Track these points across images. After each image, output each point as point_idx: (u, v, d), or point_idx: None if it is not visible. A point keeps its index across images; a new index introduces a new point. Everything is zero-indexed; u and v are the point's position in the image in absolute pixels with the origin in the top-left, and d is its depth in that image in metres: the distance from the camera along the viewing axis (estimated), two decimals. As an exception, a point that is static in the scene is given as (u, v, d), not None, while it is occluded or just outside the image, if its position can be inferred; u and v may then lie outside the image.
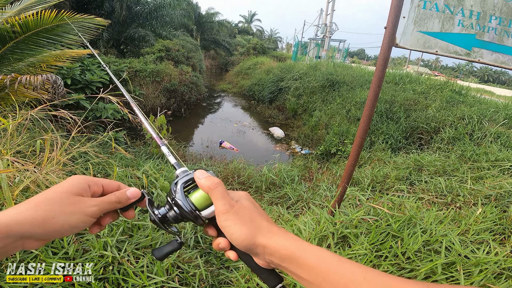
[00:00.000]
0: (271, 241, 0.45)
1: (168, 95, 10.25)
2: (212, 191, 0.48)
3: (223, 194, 0.47)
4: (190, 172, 0.53)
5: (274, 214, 2.98)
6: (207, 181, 0.48)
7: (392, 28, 1.42)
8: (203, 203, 0.49)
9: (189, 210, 0.48)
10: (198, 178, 0.49)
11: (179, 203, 0.49)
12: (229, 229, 0.46)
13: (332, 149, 6.55)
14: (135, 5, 11.44)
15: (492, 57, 1.40)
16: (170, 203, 0.50)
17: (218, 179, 0.49)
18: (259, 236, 0.45)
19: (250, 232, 0.45)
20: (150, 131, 0.65)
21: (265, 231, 0.46)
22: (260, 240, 0.45)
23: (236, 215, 0.46)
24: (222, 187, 0.48)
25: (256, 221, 0.47)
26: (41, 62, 3.53)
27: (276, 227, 0.47)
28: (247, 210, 0.48)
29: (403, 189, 3.27)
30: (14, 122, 2.18)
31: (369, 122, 1.67)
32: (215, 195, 0.47)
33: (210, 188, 0.48)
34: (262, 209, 0.51)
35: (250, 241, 0.45)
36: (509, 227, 2.01)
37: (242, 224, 0.46)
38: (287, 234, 0.46)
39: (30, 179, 1.63)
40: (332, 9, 17.88)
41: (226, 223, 0.46)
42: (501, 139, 4.49)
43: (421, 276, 1.39)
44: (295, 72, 12.31)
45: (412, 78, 8.95)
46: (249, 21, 47.91)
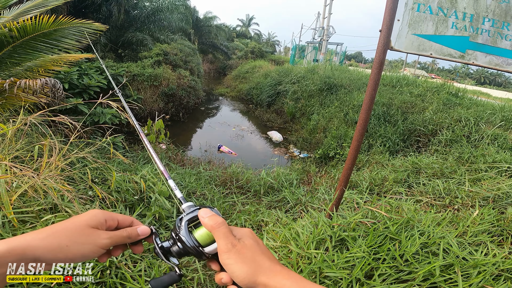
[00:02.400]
0: (272, 281, 0.45)
1: (166, 99, 10.25)
2: (215, 231, 0.49)
3: (225, 234, 0.49)
4: (195, 209, 0.55)
5: (273, 217, 2.98)
6: (211, 220, 0.50)
7: (387, 31, 1.43)
8: (207, 240, 0.51)
9: (192, 246, 0.50)
10: (202, 217, 0.51)
11: (183, 239, 0.51)
12: (231, 267, 0.47)
13: (330, 152, 6.56)
14: (133, 9, 11.46)
15: (486, 59, 1.41)
16: (174, 238, 0.52)
17: (221, 219, 0.51)
18: (261, 275, 0.46)
19: (251, 271, 0.46)
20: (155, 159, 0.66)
21: (267, 270, 0.47)
22: (261, 279, 0.46)
23: (238, 254, 0.47)
24: (225, 227, 0.49)
25: (258, 260, 0.48)
26: (39, 66, 3.53)
27: (279, 266, 0.48)
28: (249, 249, 0.48)
29: (401, 192, 3.28)
30: (13, 127, 2.17)
31: (366, 125, 1.68)
32: (218, 234, 0.49)
33: (213, 227, 0.49)
34: (265, 247, 0.52)
35: (251, 280, 0.46)
36: (507, 228, 2.01)
37: (243, 263, 0.47)
38: (290, 273, 0.47)
39: (28, 184, 1.62)
40: (329, 12, 18.00)
41: (228, 261, 0.47)
42: (498, 141, 4.50)
43: (419, 278, 1.39)
44: (293, 75, 12.35)
45: (409, 81, 9.00)
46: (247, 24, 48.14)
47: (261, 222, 2.98)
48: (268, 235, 1.89)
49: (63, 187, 1.75)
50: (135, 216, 2.13)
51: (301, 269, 1.46)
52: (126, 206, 2.57)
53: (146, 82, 9.58)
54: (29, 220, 1.57)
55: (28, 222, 1.57)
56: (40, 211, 1.71)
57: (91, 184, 2.21)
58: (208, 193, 3.62)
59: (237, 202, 3.64)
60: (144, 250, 1.71)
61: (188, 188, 3.60)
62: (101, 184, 2.77)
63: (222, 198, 3.67)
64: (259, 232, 2.82)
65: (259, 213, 3.26)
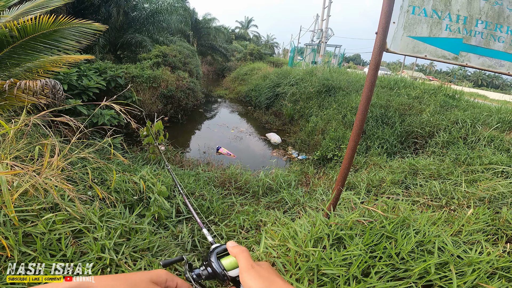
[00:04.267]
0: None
1: (165, 101, 10.26)
2: (239, 255, 0.62)
3: (247, 258, 0.61)
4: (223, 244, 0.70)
5: (271, 217, 3.00)
6: (236, 248, 0.64)
7: (383, 33, 1.46)
8: (230, 266, 0.64)
9: (219, 271, 0.63)
10: (229, 246, 0.65)
11: (212, 265, 0.64)
12: (249, 283, 0.56)
13: (328, 154, 6.59)
14: (132, 10, 11.49)
15: (479, 60, 1.44)
16: (205, 265, 0.66)
17: (244, 247, 0.64)
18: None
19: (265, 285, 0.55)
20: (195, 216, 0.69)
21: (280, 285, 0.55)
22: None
23: (256, 272, 0.57)
24: (247, 253, 0.62)
25: (272, 279, 0.57)
26: (38, 67, 3.54)
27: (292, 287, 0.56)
28: (265, 270, 0.59)
29: (398, 193, 3.31)
30: (15, 127, 2.19)
31: (362, 125, 1.71)
32: (241, 258, 0.61)
33: (238, 253, 0.62)
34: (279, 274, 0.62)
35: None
36: (502, 227, 2.04)
37: (260, 278, 0.56)
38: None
39: (30, 183, 1.64)
40: (328, 14, 18.10)
41: (247, 278, 0.57)
42: (495, 142, 4.55)
43: (415, 276, 1.41)
44: (292, 77, 12.39)
45: (406, 83, 9.06)
46: (245, 26, 48.22)
47: (260, 222, 3.00)
48: (267, 234, 1.91)
49: (64, 186, 1.77)
50: (134, 216, 2.15)
51: (299, 267, 1.48)
52: (125, 206, 2.58)
53: (145, 84, 9.59)
54: (30, 219, 1.59)
55: (29, 220, 1.58)
56: (41, 210, 1.73)
57: (91, 184, 2.22)
58: (207, 194, 3.63)
59: (235, 202, 3.66)
60: (144, 249, 1.73)
61: (187, 188, 3.62)
62: (100, 185, 2.79)
63: (221, 199, 3.69)
64: (257, 232, 2.84)
65: (258, 213, 3.28)
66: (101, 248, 1.52)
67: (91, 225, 1.76)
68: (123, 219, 2.05)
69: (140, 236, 1.85)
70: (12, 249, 1.30)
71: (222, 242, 1.38)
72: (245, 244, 2.55)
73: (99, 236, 1.62)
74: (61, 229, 1.58)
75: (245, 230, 2.91)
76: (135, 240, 1.76)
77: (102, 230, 1.69)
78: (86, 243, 1.55)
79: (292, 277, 1.44)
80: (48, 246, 1.44)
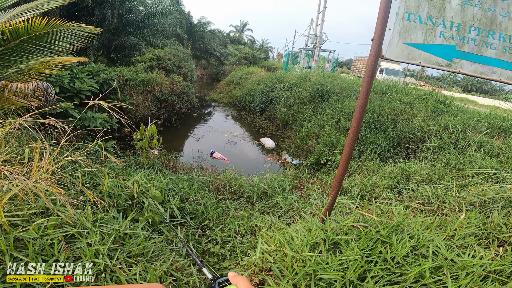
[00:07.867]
0: None
1: (159, 104, 10.19)
2: (239, 283, 0.70)
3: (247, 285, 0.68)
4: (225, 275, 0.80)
5: (266, 222, 2.99)
6: (236, 277, 0.72)
7: (379, 40, 1.48)
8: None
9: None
10: (231, 276, 0.73)
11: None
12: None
13: (322, 159, 6.62)
14: (127, 13, 11.43)
15: (472, 67, 1.48)
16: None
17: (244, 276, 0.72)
18: None
19: None
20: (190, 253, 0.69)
21: None
22: None
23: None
24: (247, 281, 0.70)
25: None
26: (30, 69, 3.49)
27: None
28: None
29: (391, 197, 3.33)
30: (2, 130, 2.14)
31: (358, 132, 1.72)
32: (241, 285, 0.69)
33: (239, 281, 0.70)
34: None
35: None
36: (493, 231, 2.07)
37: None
38: None
39: (19, 187, 1.60)
40: (322, 19, 18.31)
41: None
42: (485, 147, 4.63)
43: (410, 280, 1.42)
44: (286, 82, 12.46)
45: (398, 88, 9.19)
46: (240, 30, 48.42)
47: (255, 227, 2.98)
48: (263, 239, 1.91)
49: (55, 190, 1.73)
50: (127, 222, 2.11)
51: (296, 272, 1.47)
52: (118, 211, 2.54)
53: (139, 87, 9.52)
54: (21, 224, 1.55)
55: (20, 225, 1.54)
56: (32, 215, 1.69)
57: (82, 188, 2.18)
58: (201, 199, 3.61)
59: (230, 207, 3.64)
60: (138, 254, 1.70)
61: (181, 193, 3.58)
62: (92, 189, 2.74)
63: (215, 204, 3.66)
64: (253, 236, 2.82)
65: (253, 218, 3.26)
66: (95, 254, 1.49)
67: (84, 230, 1.73)
68: (116, 224, 2.01)
69: (134, 242, 1.83)
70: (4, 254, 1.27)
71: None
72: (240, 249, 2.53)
73: (92, 241, 1.59)
74: (53, 234, 1.54)
75: (240, 235, 2.90)
76: (129, 245, 1.73)
77: (95, 235, 1.66)
78: (79, 248, 1.52)
79: (289, 282, 1.43)
80: (40, 251, 1.40)
